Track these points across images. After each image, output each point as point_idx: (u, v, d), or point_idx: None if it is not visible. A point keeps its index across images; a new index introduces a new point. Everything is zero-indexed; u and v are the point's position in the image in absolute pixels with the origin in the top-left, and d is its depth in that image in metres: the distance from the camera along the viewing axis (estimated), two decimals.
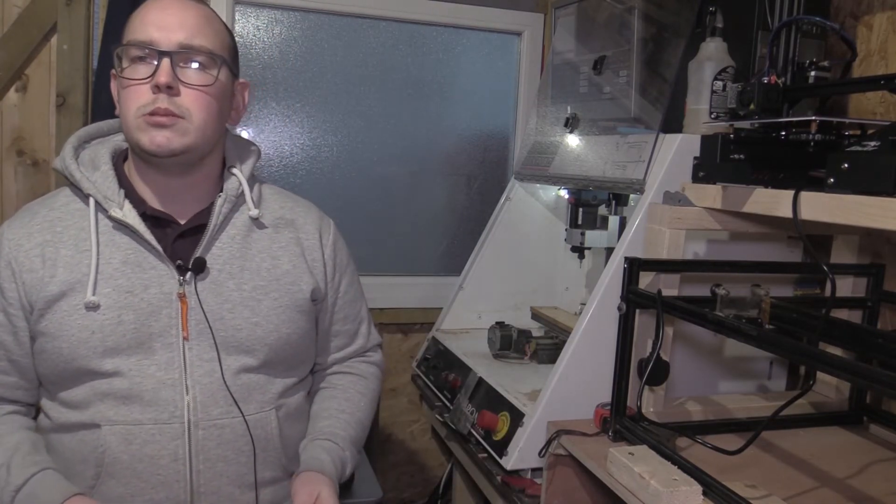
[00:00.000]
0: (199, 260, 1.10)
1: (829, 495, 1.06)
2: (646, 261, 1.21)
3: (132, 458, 1.05)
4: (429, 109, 2.19)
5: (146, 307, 1.07)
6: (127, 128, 1.06)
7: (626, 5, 1.49)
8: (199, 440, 1.08)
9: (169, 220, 1.12)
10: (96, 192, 1.09)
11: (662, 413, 1.27)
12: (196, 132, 1.06)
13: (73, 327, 1.05)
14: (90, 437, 1.06)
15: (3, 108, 1.78)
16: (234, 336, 1.11)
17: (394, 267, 2.19)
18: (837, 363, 0.85)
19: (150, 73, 1.03)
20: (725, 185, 1.18)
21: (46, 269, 1.06)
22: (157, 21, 1.04)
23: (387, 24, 2.11)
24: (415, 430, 2.25)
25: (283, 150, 2.07)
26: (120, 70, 1.06)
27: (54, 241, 1.08)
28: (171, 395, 1.07)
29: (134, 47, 1.04)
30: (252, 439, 1.11)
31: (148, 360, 1.07)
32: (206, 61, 1.07)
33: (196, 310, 1.09)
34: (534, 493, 1.30)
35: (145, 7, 1.07)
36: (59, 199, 1.13)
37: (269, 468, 1.15)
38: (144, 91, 1.03)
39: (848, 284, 1.34)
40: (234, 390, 1.10)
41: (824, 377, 1.39)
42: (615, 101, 1.50)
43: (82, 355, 1.05)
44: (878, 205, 0.89)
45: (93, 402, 1.07)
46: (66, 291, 1.05)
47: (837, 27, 1.18)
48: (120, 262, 1.08)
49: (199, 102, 1.06)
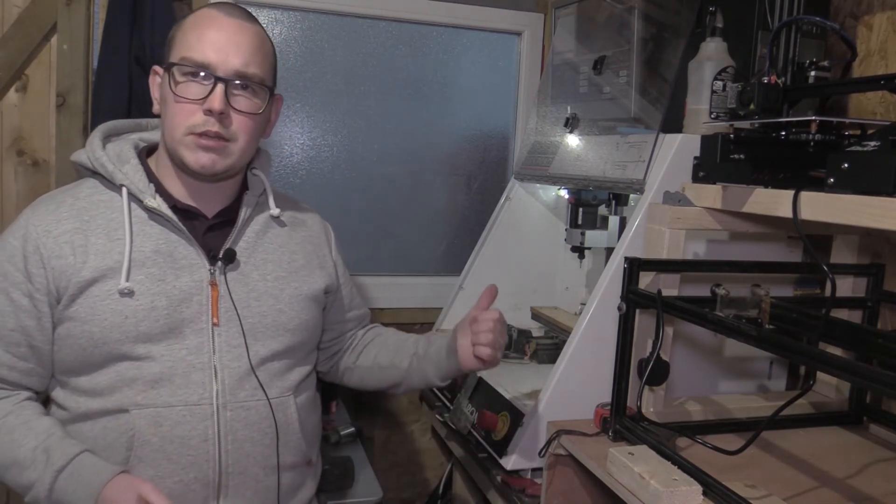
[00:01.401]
0: (230, 251, 1.16)
1: (829, 495, 1.06)
2: (646, 261, 1.21)
3: (162, 440, 1.09)
4: (429, 109, 2.19)
5: (178, 294, 1.11)
6: (172, 140, 1.11)
7: (626, 5, 1.49)
8: (228, 421, 1.12)
9: (197, 213, 1.17)
10: (130, 183, 1.12)
11: (662, 413, 1.27)
12: (238, 154, 1.13)
13: (106, 312, 1.07)
14: (115, 423, 1.08)
15: (3, 108, 1.78)
16: (261, 322, 1.17)
17: (394, 267, 2.19)
18: (837, 363, 0.86)
19: (202, 94, 1.08)
20: (725, 185, 1.18)
21: (77, 256, 1.08)
22: (216, 42, 1.09)
23: (387, 24, 2.11)
24: (415, 430, 2.25)
25: (283, 150, 2.07)
26: (173, 83, 1.09)
27: (83, 229, 1.10)
28: (200, 377, 1.11)
29: (190, 66, 1.08)
30: (275, 422, 1.16)
31: (179, 345, 1.11)
32: (257, 89, 1.13)
33: (225, 298, 1.15)
34: (534, 493, 1.30)
35: (202, 23, 1.10)
36: (83, 190, 1.16)
37: (289, 452, 1.20)
38: (196, 110, 1.08)
39: (848, 284, 1.34)
40: (259, 375, 1.15)
41: (824, 377, 1.39)
42: (615, 101, 1.51)
43: (114, 339, 1.07)
44: (878, 205, 0.89)
45: (118, 388, 1.09)
46: (98, 277, 1.08)
47: (837, 27, 1.18)
48: (151, 251, 1.11)
49: (245, 127, 1.12)
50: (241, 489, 1.14)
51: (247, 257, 1.19)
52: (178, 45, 1.11)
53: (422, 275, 2.21)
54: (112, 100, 1.71)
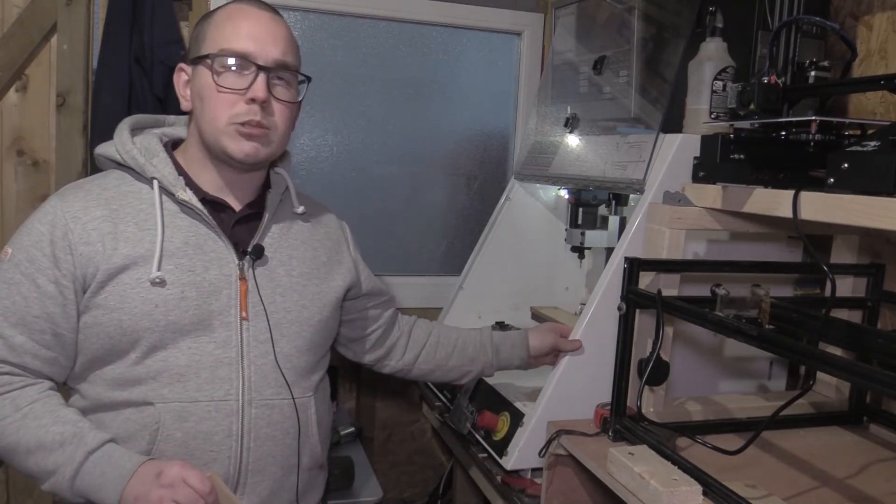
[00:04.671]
0: (259, 246, 1.17)
1: (829, 495, 1.06)
2: (646, 261, 1.21)
3: (186, 434, 1.09)
4: (429, 109, 2.19)
5: (207, 286, 1.12)
6: (214, 131, 1.11)
7: (626, 5, 1.49)
8: (252, 418, 1.12)
9: (224, 205, 1.18)
10: (161, 176, 1.13)
11: (662, 413, 1.27)
12: (277, 142, 1.16)
13: (136, 300, 1.07)
14: (138, 415, 1.08)
15: (3, 108, 1.78)
16: (285, 318, 1.18)
17: (394, 267, 2.19)
18: (837, 363, 0.86)
19: (244, 84, 1.09)
20: (725, 185, 1.18)
21: (106, 243, 1.08)
22: (254, 34, 1.11)
23: (387, 24, 2.11)
24: (415, 430, 2.25)
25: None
26: (214, 75, 1.09)
27: (112, 217, 1.10)
28: (227, 373, 1.11)
29: (231, 57, 1.09)
30: (298, 421, 1.17)
31: (207, 338, 1.11)
32: (293, 78, 1.16)
33: (253, 292, 1.15)
34: (534, 493, 1.30)
35: (236, 16, 1.12)
36: (110, 181, 1.16)
37: (307, 454, 1.21)
38: (237, 100, 1.10)
39: (848, 284, 1.34)
40: (284, 372, 1.16)
41: (824, 377, 1.39)
42: (615, 101, 1.50)
43: (144, 327, 1.07)
44: (878, 205, 0.89)
45: (144, 380, 1.08)
46: (128, 265, 1.08)
47: (837, 27, 1.18)
48: (181, 243, 1.12)
49: (284, 115, 1.15)
50: (259, 488, 1.14)
51: (273, 252, 1.20)
52: (211, 38, 1.11)
53: (422, 275, 2.21)
54: (112, 100, 1.72)
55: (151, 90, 1.73)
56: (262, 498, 1.15)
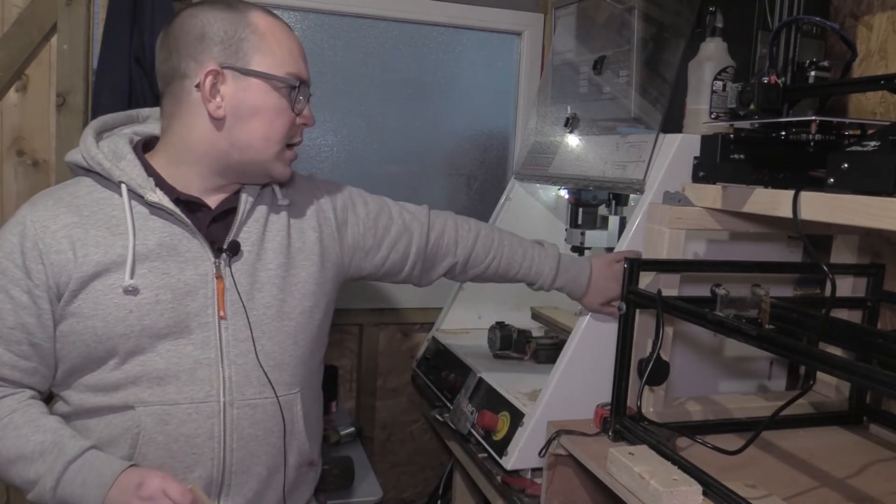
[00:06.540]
0: (235, 242, 1.14)
1: (829, 495, 1.06)
2: (646, 261, 1.21)
3: (167, 438, 1.08)
4: (429, 109, 2.19)
5: (183, 287, 1.10)
6: (263, 151, 1.13)
7: (626, 5, 1.49)
8: (234, 419, 1.11)
9: (200, 203, 1.15)
10: (128, 179, 1.10)
11: (662, 413, 1.27)
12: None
13: (110, 307, 1.06)
14: (119, 419, 1.08)
15: (3, 108, 1.78)
16: (266, 314, 1.15)
17: None
18: (837, 363, 0.86)
19: (301, 108, 1.15)
20: (725, 185, 1.18)
21: (77, 251, 1.06)
22: (301, 56, 1.15)
23: (387, 24, 2.11)
24: (415, 430, 2.25)
25: None
26: (289, 100, 1.12)
27: (83, 224, 1.08)
28: (207, 374, 1.10)
29: (301, 83, 1.13)
30: (283, 420, 1.15)
31: (184, 340, 1.09)
32: None
33: (231, 290, 1.13)
34: (534, 493, 1.30)
35: (282, 35, 1.13)
36: (82, 188, 1.13)
37: (293, 452, 1.19)
38: (291, 122, 1.14)
39: (848, 284, 1.34)
40: (266, 370, 1.14)
41: (824, 377, 1.39)
42: (615, 101, 1.51)
43: (119, 334, 1.06)
44: (878, 205, 0.89)
45: (123, 385, 1.08)
46: (100, 272, 1.06)
47: (837, 27, 1.18)
48: (155, 245, 1.10)
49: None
50: (244, 489, 1.13)
51: (249, 247, 1.16)
52: (267, 51, 1.10)
53: None
54: (112, 100, 1.71)
55: (151, 90, 1.73)
56: (248, 499, 1.14)
